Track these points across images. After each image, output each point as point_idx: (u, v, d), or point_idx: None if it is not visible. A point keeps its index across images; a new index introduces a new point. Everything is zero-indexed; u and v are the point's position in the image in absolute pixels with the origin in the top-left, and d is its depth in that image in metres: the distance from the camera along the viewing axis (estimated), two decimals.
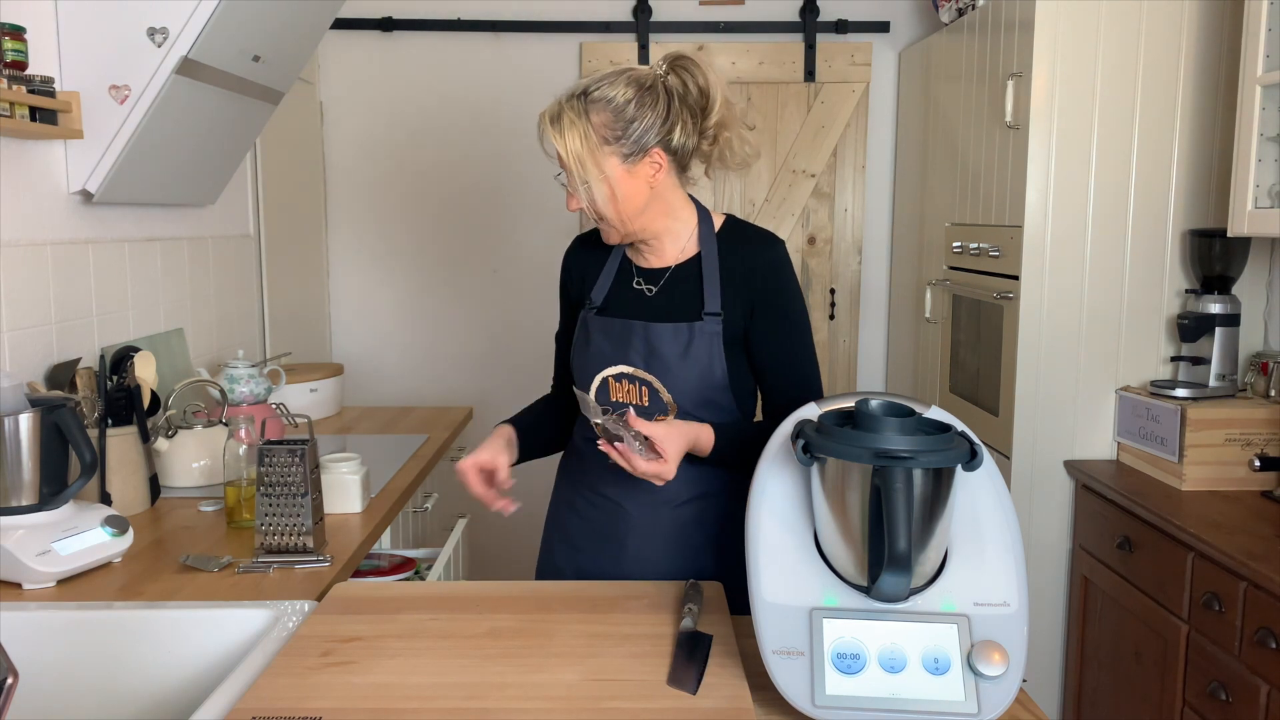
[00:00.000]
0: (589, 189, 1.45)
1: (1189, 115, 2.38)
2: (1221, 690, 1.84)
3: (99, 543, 1.50)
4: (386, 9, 3.50)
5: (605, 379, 1.53)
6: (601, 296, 1.58)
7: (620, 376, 1.52)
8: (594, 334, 1.55)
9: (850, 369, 3.68)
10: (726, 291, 1.50)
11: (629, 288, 1.57)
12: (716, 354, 1.50)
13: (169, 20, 1.92)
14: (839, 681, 1.03)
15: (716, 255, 1.53)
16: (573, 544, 1.62)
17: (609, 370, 1.52)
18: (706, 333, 1.49)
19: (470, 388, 3.68)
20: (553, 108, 1.47)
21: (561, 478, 1.69)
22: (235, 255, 2.82)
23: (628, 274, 1.58)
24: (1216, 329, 2.30)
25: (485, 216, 3.63)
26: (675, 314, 1.52)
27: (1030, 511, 2.49)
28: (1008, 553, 1.11)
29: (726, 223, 1.58)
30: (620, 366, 1.52)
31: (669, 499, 1.54)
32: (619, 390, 1.52)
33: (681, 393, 1.49)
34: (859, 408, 1.09)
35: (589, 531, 1.60)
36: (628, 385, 1.51)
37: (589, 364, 1.55)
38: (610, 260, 1.60)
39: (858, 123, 3.55)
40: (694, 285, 1.52)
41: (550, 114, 1.46)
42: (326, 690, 1.09)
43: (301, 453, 1.55)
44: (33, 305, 1.88)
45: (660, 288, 1.54)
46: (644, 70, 1.48)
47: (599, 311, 1.57)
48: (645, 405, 1.51)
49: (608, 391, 1.53)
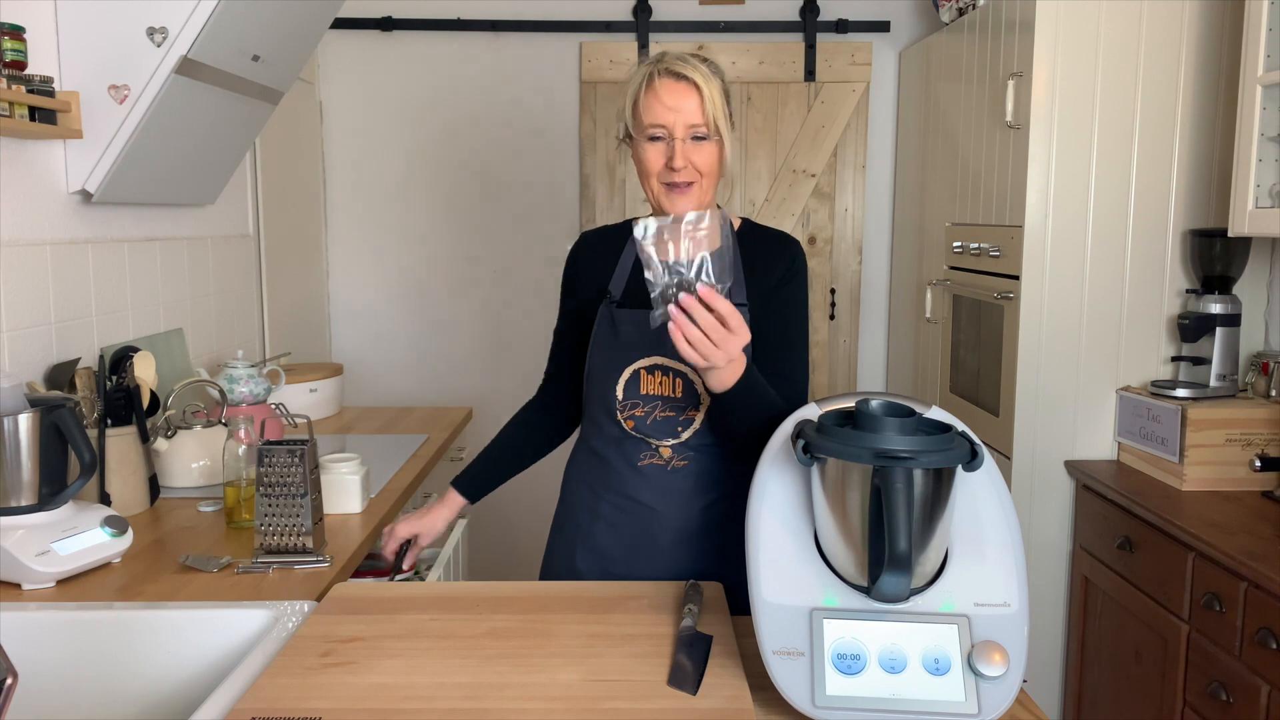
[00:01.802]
0: (717, 143, 1.46)
1: (1189, 115, 2.38)
2: (1222, 690, 1.83)
3: (98, 543, 1.50)
4: (386, 9, 3.50)
5: (637, 370, 1.51)
6: (620, 290, 1.56)
7: (654, 368, 1.50)
8: (622, 326, 1.53)
9: (850, 369, 3.67)
10: (749, 283, 1.52)
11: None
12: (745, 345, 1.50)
13: (169, 20, 1.92)
14: (839, 682, 1.03)
15: (739, 248, 1.54)
16: (600, 552, 1.57)
17: (642, 362, 1.51)
18: None
19: (470, 388, 3.68)
20: (678, 59, 1.46)
21: (578, 484, 1.64)
22: (235, 255, 2.82)
23: None
24: (1217, 329, 2.30)
25: (485, 216, 3.63)
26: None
27: (1030, 511, 2.49)
28: (1008, 553, 1.11)
29: (745, 224, 1.60)
30: (654, 358, 1.50)
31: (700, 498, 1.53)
32: (651, 382, 1.51)
33: None
34: (859, 408, 1.09)
35: (621, 539, 1.56)
36: (660, 377, 1.50)
37: (618, 356, 1.52)
38: (625, 255, 1.59)
39: (858, 123, 3.55)
40: None
41: (682, 65, 1.45)
42: (326, 690, 1.09)
43: (301, 453, 1.55)
44: (32, 305, 1.88)
45: None
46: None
47: (620, 305, 1.55)
48: (678, 396, 1.50)
49: (638, 383, 1.51)
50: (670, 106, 1.44)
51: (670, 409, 1.51)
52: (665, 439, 1.51)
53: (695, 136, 1.46)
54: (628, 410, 1.52)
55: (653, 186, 1.50)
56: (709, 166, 1.47)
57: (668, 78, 1.45)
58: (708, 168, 1.47)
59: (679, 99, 1.44)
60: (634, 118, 1.49)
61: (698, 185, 1.48)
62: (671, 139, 1.45)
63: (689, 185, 1.47)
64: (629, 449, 1.54)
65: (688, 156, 1.45)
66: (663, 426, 1.51)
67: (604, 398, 1.55)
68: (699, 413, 1.50)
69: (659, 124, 1.45)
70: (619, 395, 1.52)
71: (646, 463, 1.53)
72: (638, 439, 1.53)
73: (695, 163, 1.46)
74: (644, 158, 1.48)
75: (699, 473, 1.52)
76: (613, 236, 1.64)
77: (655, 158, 1.47)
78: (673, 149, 1.45)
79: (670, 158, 1.46)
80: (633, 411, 1.52)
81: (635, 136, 1.50)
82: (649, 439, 1.52)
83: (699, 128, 1.45)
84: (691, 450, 1.52)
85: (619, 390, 1.52)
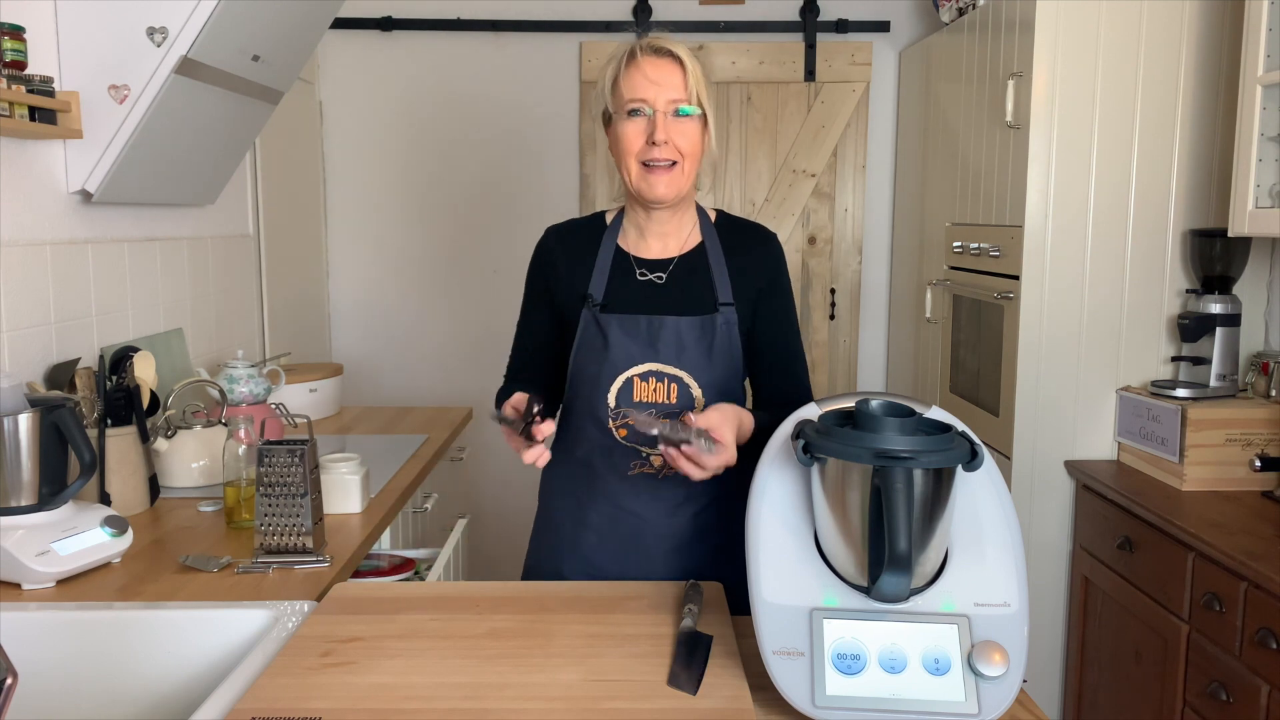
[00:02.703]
0: (700, 120, 1.42)
1: (1189, 115, 2.38)
2: (1222, 690, 1.83)
3: (98, 543, 1.50)
4: (386, 9, 3.50)
5: (630, 379, 1.46)
6: (601, 292, 1.50)
7: (648, 375, 1.46)
8: (612, 332, 1.46)
9: (850, 369, 3.67)
10: (735, 283, 1.50)
11: (632, 279, 1.50)
12: (736, 345, 1.48)
13: (169, 20, 1.92)
14: (839, 682, 1.03)
15: (720, 246, 1.51)
16: (588, 560, 1.54)
17: (635, 369, 1.46)
18: (725, 324, 1.47)
19: (470, 388, 3.68)
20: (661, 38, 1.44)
21: (562, 495, 1.58)
22: (234, 255, 2.82)
23: (626, 265, 1.52)
24: (1217, 329, 2.30)
25: (485, 216, 3.63)
26: (690, 306, 1.48)
27: (1030, 511, 2.49)
28: (1008, 553, 1.11)
29: (721, 216, 1.58)
30: (649, 364, 1.46)
31: (690, 505, 1.51)
32: (644, 389, 1.46)
33: (709, 386, 1.46)
34: (859, 408, 1.09)
35: (610, 548, 1.53)
36: (655, 383, 1.46)
37: (609, 364, 1.47)
38: (602, 253, 1.53)
39: (858, 122, 3.55)
40: (704, 276, 1.50)
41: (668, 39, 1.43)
42: (326, 690, 1.09)
43: (301, 453, 1.55)
44: (32, 305, 1.88)
45: (670, 277, 1.50)
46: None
47: (605, 308, 1.49)
48: (673, 402, 1.46)
49: (631, 391, 1.46)
50: (653, 80, 1.40)
51: (663, 416, 1.45)
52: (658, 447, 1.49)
53: (678, 111, 1.40)
54: (620, 419, 1.48)
55: (630, 168, 1.44)
56: (690, 146, 1.42)
57: (649, 54, 1.41)
58: (689, 148, 1.42)
59: (661, 73, 1.40)
60: (613, 95, 1.43)
61: (679, 167, 1.42)
62: (653, 113, 1.40)
63: (670, 166, 1.41)
64: (618, 458, 1.50)
65: (669, 132, 1.40)
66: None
67: (592, 407, 1.49)
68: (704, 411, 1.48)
69: (640, 98, 1.40)
70: (610, 404, 1.48)
71: (636, 471, 1.50)
72: (628, 448, 1.49)
73: (676, 141, 1.40)
74: (622, 134, 1.42)
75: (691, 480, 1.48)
76: (583, 230, 1.58)
77: (635, 135, 1.41)
78: (654, 123, 1.39)
79: (651, 133, 1.40)
80: (625, 420, 1.47)
81: (614, 114, 1.44)
82: (641, 448, 1.49)
83: (681, 101, 1.40)
84: None
85: (611, 398, 1.47)
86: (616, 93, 1.43)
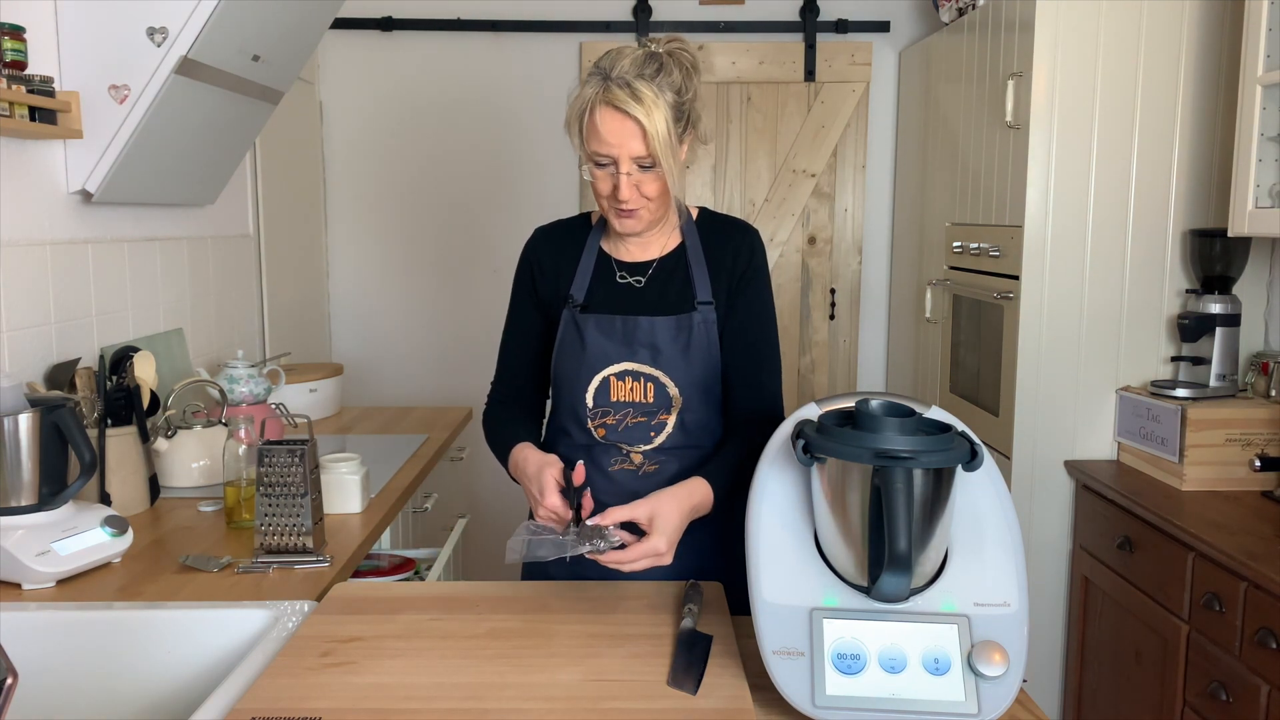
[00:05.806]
0: (666, 174, 1.39)
1: (1189, 115, 2.38)
2: (1222, 690, 1.83)
3: (98, 543, 1.50)
4: (386, 9, 3.50)
5: (606, 378, 1.49)
6: (583, 294, 1.52)
7: (624, 374, 1.48)
8: (589, 332, 1.49)
9: (850, 369, 3.67)
10: (713, 277, 1.50)
11: (613, 282, 1.53)
12: (714, 343, 1.49)
13: (169, 20, 1.92)
14: (839, 682, 1.03)
15: (700, 245, 1.52)
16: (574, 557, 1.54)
17: (611, 369, 1.48)
18: (703, 322, 1.48)
19: (470, 388, 3.67)
20: (621, 90, 1.35)
21: None
22: (234, 255, 2.82)
23: (607, 268, 1.54)
24: (1217, 329, 2.30)
25: (485, 216, 3.63)
26: (668, 306, 1.49)
27: (1030, 511, 2.49)
28: (1008, 553, 1.11)
29: (702, 213, 1.58)
30: (624, 364, 1.48)
31: None
32: (621, 389, 1.48)
33: (686, 385, 1.47)
34: (859, 408, 1.09)
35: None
36: (631, 383, 1.48)
37: (586, 364, 1.49)
38: (585, 255, 1.55)
39: (858, 123, 3.55)
40: (682, 276, 1.51)
41: (625, 95, 1.35)
42: (326, 690, 1.09)
43: (301, 453, 1.55)
44: (32, 305, 1.88)
45: (649, 280, 1.52)
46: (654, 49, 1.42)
47: (584, 309, 1.51)
48: (650, 401, 1.48)
49: (608, 391, 1.49)
50: (614, 143, 1.38)
51: (641, 414, 1.48)
52: (637, 445, 1.49)
53: (641, 166, 1.40)
54: (598, 419, 1.49)
55: (601, 205, 1.47)
56: (656, 192, 1.42)
57: (608, 109, 1.37)
58: (655, 193, 1.42)
59: (621, 135, 1.37)
60: (580, 139, 1.43)
61: (645, 209, 1.44)
62: (616, 171, 1.39)
63: (637, 209, 1.43)
64: (598, 455, 1.51)
65: (631, 191, 1.40)
66: (634, 433, 1.49)
67: (572, 406, 1.51)
68: (671, 416, 1.48)
69: (603, 154, 1.40)
70: (589, 403, 1.49)
71: (617, 468, 1.51)
72: (608, 445, 1.50)
73: (642, 190, 1.41)
74: (593, 177, 1.43)
75: (671, 476, 1.48)
76: (569, 232, 1.59)
77: (602, 181, 1.42)
78: (617, 180, 1.40)
79: (615, 188, 1.40)
80: (604, 420, 1.49)
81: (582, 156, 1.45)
82: (620, 445, 1.50)
83: (644, 159, 1.39)
84: (663, 455, 1.50)
85: (589, 398, 1.49)
86: (582, 137, 1.42)
